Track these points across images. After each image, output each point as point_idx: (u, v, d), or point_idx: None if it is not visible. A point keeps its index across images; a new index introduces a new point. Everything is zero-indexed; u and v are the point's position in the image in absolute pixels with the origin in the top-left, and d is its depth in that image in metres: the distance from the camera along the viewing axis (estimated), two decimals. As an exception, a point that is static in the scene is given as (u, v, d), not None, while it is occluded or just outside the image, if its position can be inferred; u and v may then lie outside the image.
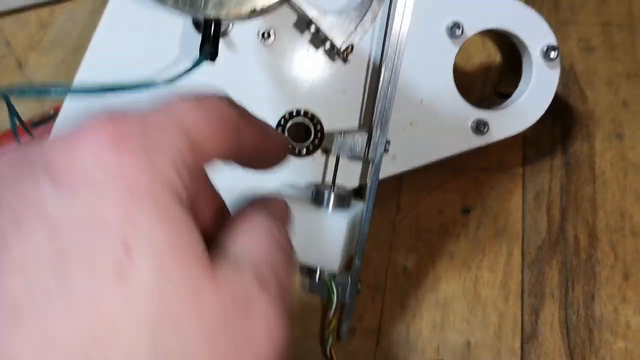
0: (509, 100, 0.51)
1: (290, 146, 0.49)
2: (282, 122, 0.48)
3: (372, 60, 0.45)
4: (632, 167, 0.53)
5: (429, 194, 0.54)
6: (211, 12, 0.32)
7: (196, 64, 0.33)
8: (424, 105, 0.48)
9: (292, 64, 0.46)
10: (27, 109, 0.65)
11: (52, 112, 0.62)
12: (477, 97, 0.61)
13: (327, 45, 0.36)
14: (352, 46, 0.35)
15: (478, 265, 0.49)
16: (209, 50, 0.34)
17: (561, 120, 0.58)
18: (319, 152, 0.49)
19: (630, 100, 0.58)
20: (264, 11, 0.33)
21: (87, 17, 0.74)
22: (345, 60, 0.36)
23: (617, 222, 0.50)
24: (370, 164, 0.42)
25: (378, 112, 0.38)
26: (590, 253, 0.49)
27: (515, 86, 0.52)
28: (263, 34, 0.45)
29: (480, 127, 0.49)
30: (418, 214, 0.53)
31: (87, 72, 0.46)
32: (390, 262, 0.50)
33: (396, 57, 0.36)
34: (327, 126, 0.48)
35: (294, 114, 0.48)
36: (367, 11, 0.35)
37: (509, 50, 0.54)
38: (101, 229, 0.17)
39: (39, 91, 0.29)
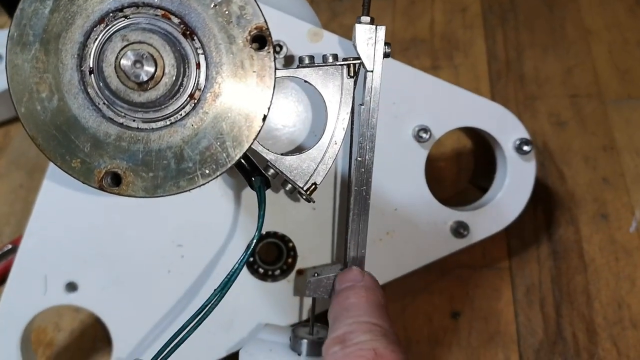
0: (486, 197, 0.49)
1: (263, 271, 0.46)
2: (252, 245, 0.45)
3: (337, 184, 0.43)
4: (622, 250, 0.51)
5: (415, 299, 0.52)
6: (236, 154, 0.30)
7: (262, 198, 0.31)
8: (399, 213, 0.46)
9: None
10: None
11: (9, 246, 0.59)
12: (453, 189, 0.58)
13: (288, 187, 0.34)
14: (315, 185, 0.33)
15: (475, 376, 0.46)
16: (262, 181, 0.32)
17: (542, 204, 0.56)
18: (293, 273, 0.46)
19: (610, 176, 0.57)
20: (266, 116, 0.31)
21: (44, 137, 0.71)
22: (309, 200, 0.34)
23: (615, 313, 0.48)
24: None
25: (351, 248, 0.35)
26: (591, 351, 0.46)
27: (489, 179, 0.50)
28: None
29: (459, 230, 0.46)
30: (405, 324, 0.50)
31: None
32: (381, 382, 0.47)
33: (364, 190, 0.34)
34: (301, 246, 0.46)
35: (264, 234, 0.45)
36: (327, 149, 0.32)
37: (481, 142, 0.52)
38: None
39: None
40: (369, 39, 0.33)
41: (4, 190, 0.66)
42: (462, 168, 0.61)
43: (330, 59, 0.33)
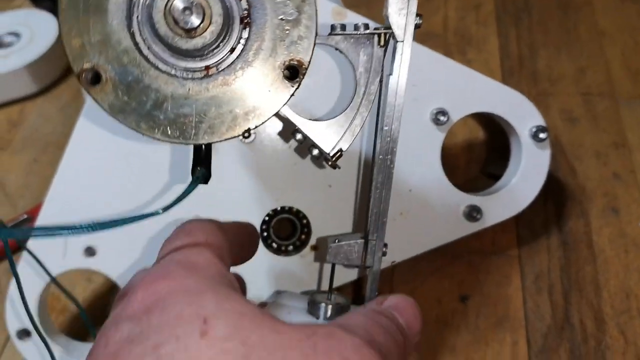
0: (500, 183, 0.49)
1: (276, 246, 0.46)
2: (266, 219, 0.46)
3: (362, 158, 0.43)
4: (632, 243, 0.52)
5: (423, 282, 0.52)
6: (203, 139, 0.30)
7: (190, 188, 0.31)
8: (413, 195, 0.47)
9: (275, 161, 0.44)
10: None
11: (25, 215, 0.60)
12: (463, 177, 0.59)
13: (315, 152, 0.35)
14: (342, 151, 0.33)
15: (482, 358, 0.47)
16: (202, 173, 0.32)
17: (553, 197, 0.56)
18: (307, 249, 0.47)
19: (621, 172, 0.57)
20: (257, 127, 0.31)
21: (58, 113, 0.72)
22: (334, 166, 0.34)
23: (623, 302, 0.48)
24: (369, 271, 0.40)
25: (373, 216, 0.36)
26: (599, 338, 0.46)
27: (503, 166, 0.50)
28: (243, 133, 0.43)
29: (472, 214, 0.47)
30: (414, 305, 0.51)
31: (57, 194, 0.43)
32: None
33: (389, 159, 0.34)
34: (315, 222, 0.46)
35: (279, 210, 0.46)
36: (355, 116, 0.33)
37: (494, 130, 0.52)
38: (183, 317, 0.25)
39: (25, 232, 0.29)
40: (400, 10, 0.33)
41: (18, 165, 0.67)
42: (473, 158, 0.61)
43: (362, 28, 0.33)
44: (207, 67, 0.30)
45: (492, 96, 0.47)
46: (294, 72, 0.30)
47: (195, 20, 0.28)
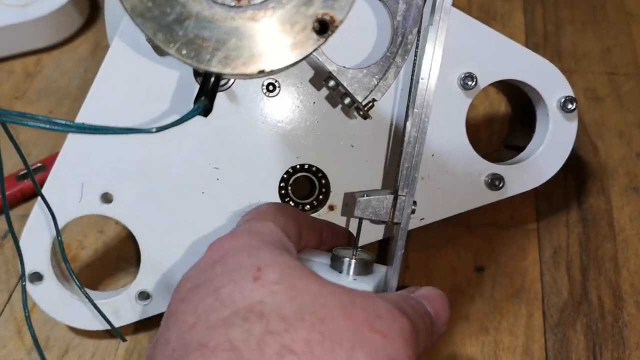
0: (524, 153, 0.48)
1: (293, 204, 0.46)
2: (285, 177, 0.45)
3: (394, 116, 0.42)
4: (653, 223, 0.51)
5: (439, 250, 0.51)
6: (215, 67, 0.29)
7: (188, 116, 0.31)
8: (436, 160, 0.46)
9: (298, 117, 0.44)
10: (12, 162, 0.61)
11: (38, 164, 0.59)
12: (483, 150, 0.58)
13: (347, 100, 0.34)
14: (374, 101, 0.33)
15: (497, 328, 0.46)
16: (204, 104, 0.31)
17: (574, 173, 0.55)
18: (325, 208, 0.46)
19: (644, 152, 0.56)
20: (273, 72, 0.30)
21: (75, 66, 0.71)
22: (365, 116, 0.34)
23: (642, 281, 0.48)
24: (396, 228, 0.39)
25: (404, 171, 0.35)
26: (616, 315, 0.46)
27: (525, 139, 0.49)
28: (267, 86, 0.42)
29: (495, 182, 0.46)
30: (429, 272, 0.50)
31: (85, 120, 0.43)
32: (402, 326, 0.47)
33: (423, 113, 0.33)
34: (334, 182, 0.45)
35: (298, 167, 0.45)
36: (390, 66, 0.32)
37: (519, 101, 0.51)
38: (241, 266, 0.30)
39: (43, 120, 0.29)
40: None
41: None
42: (495, 132, 0.60)
43: (403, -25, 0.33)
44: None
45: (522, 63, 0.46)
46: (323, 27, 0.29)
47: None
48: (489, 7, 0.74)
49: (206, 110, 0.32)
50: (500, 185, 0.46)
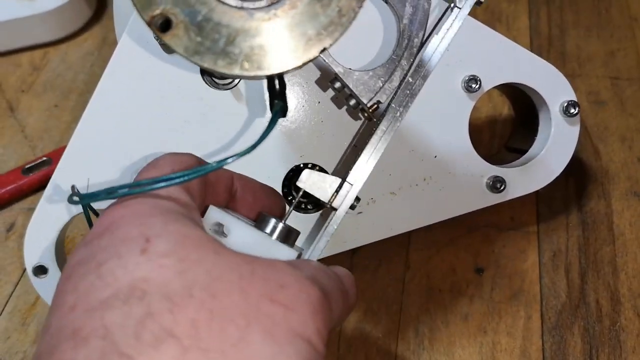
0: (526, 156, 0.49)
1: (288, 203, 0.46)
2: (290, 175, 0.46)
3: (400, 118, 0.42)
4: (653, 228, 0.51)
5: (439, 250, 0.52)
6: (277, 68, 0.29)
7: (272, 124, 0.30)
8: (439, 161, 0.46)
9: (302, 117, 0.44)
10: (17, 155, 0.62)
11: (44, 158, 0.59)
12: (485, 152, 0.58)
13: (352, 102, 0.34)
14: (380, 103, 0.33)
15: (495, 329, 0.47)
16: (281, 106, 0.31)
17: (575, 176, 0.56)
18: (327, 208, 0.46)
19: (645, 157, 0.57)
20: (326, 49, 0.30)
21: (81, 60, 0.72)
22: (370, 118, 0.34)
23: (640, 285, 0.48)
24: (332, 214, 0.38)
25: (359, 162, 0.34)
26: (614, 319, 0.46)
27: (528, 142, 0.50)
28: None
29: (496, 185, 0.46)
30: (429, 272, 0.51)
31: (91, 118, 0.43)
32: (400, 324, 0.47)
33: (400, 111, 0.33)
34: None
35: (302, 166, 0.46)
36: (395, 68, 0.32)
37: (522, 105, 0.52)
38: (128, 238, 0.26)
39: (109, 192, 0.28)
40: None
41: (39, 108, 0.67)
42: (497, 134, 0.61)
43: (412, -21, 0.33)
44: None
45: (525, 67, 0.46)
46: None
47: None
48: (494, 8, 0.75)
49: (284, 111, 0.32)
50: (502, 187, 0.47)
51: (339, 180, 0.34)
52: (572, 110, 0.46)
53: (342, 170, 0.44)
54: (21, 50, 0.73)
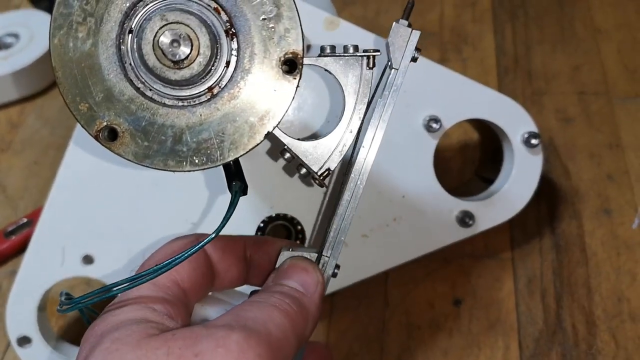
0: (492, 188, 0.50)
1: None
2: (261, 226, 0.47)
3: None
4: (624, 245, 0.52)
5: (417, 285, 0.53)
6: (230, 156, 0.31)
7: (232, 204, 0.32)
8: (407, 201, 0.47)
9: (268, 172, 0.45)
10: (0, 217, 0.63)
11: (25, 219, 0.60)
12: (458, 180, 0.60)
13: (303, 171, 0.35)
14: (329, 171, 0.34)
15: (475, 362, 0.47)
16: (239, 187, 0.32)
17: (546, 198, 0.57)
18: (302, 255, 0.47)
19: (614, 173, 0.58)
20: (276, 127, 0.31)
21: (57, 115, 0.72)
22: (322, 185, 0.35)
23: (615, 306, 0.49)
24: None
25: (332, 232, 0.35)
26: (590, 342, 0.47)
27: (496, 170, 0.51)
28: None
29: (465, 220, 0.47)
30: (408, 309, 0.51)
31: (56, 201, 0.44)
32: (383, 364, 0.48)
33: (360, 179, 0.34)
34: (310, 229, 0.47)
35: (274, 216, 0.47)
36: (342, 136, 0.33)
37: (487, 135, 0.53)
38: None
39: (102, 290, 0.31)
40: (402, 39, 0.34)
41: (18, 167, 0.68)
42: (468, 160, 0.62)
43: (351, 50, 0.34)
44: (210, 88, 0.30)
45: (484, 102, 0.47)
46: (292, 65, 0.31)
47: (183, 52, 0.28)
48: (460, 29, 0.76)
49: (244, 190, 0.33)
50: (471, 222, 0.47)
51: (315, 254, 0.35)
52: (533, 141, 0.47)
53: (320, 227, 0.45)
54: (-2, 109, 0.74)
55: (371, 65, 0.34)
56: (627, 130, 0.62)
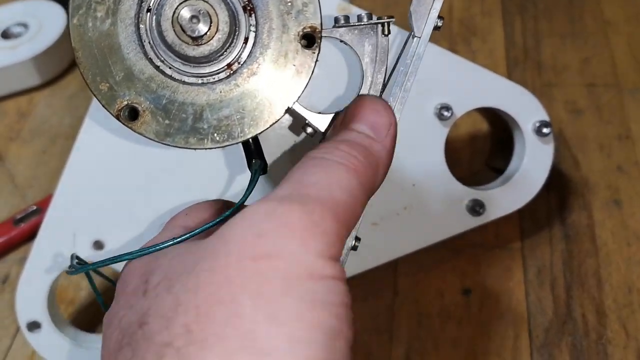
0: (503, 177, 0.50)
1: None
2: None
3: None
4: (634, 236, 0.52)
5: (427, 274, 0.53)
6: (250, 133, 0.31)
7: (252, 182, 0.32)
8: (417, 189, 0.47)
9: (281, 153, 0.45)
10: (9, 205, 0.63)
11: (34, 207, 0.60)
12: (467, 170, 0.59)
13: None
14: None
15: (484, 351, 0.47)
16: (259, 165, 0.32)
17: (556, 189, 0.56)
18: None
19: (624, 164, 0.57)
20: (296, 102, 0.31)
21: (66, 105, 0.72)
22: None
23: (625, 296, 0.49)
24: None
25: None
26: (600, 332, 0.47)
27: (506, 160, 0.51)
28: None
29: (475, 208, 0.47)
30: (417, 298, 0.51)
31: (71, 175, 0.44)
32: (391, 354, 0.48)
33: None
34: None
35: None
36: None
37: (498, 124, 0.53)
38: (134, 288, 0.29)
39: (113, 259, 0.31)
40: (425, 7, 0.34)
41: (27, 155, 0.68)
42: (477, 151, 0.62)
43: (365, 19, 0.34)
44: (229, 65, 0.30)
45: (496, 91, 0.47)
46: (310, 39, 0.31)
47: (202, 28, 0.28)
48: (469, 21, 0.75)
49: (264, 168, 0.33)
50: (481, 210, 0.47)
51: None
52: (545, 130, 0.47)
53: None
54: (7, 98, 0.74)
55: (387, 32, 0.34)
56: (637, 122, 0.61)
